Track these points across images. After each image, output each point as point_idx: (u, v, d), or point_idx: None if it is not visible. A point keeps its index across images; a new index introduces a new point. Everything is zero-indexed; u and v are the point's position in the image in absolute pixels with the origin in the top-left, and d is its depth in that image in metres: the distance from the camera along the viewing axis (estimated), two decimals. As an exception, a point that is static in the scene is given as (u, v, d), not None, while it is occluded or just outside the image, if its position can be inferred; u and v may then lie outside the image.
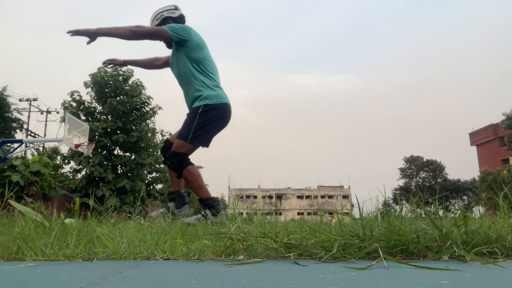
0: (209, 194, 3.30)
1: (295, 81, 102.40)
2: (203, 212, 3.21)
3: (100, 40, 3.37)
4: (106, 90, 17.24)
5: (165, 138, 17.87)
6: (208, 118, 3.28)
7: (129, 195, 16.06)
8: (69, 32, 3.10)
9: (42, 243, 1.51)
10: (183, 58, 3.41)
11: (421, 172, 57.00)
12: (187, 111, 3.50)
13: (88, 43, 3.20)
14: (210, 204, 3.22)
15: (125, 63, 3.82)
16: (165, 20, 3.54)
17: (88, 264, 1.27)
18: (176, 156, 3.28)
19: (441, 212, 1.64)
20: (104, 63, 3.76)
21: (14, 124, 22.59)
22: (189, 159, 3.33)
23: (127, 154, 17.20)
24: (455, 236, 1.33)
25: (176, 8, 3.62)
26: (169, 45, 3.54)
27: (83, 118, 16.91)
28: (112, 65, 3.79)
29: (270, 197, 56.85)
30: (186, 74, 3.41)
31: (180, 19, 3.62)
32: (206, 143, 3.38)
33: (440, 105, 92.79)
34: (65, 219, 2.44)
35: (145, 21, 3.73)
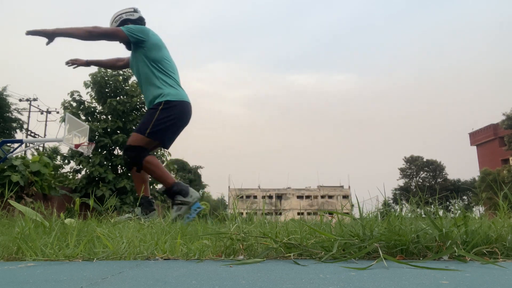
0: (173, 179, 3.31)
1: (295, 81, 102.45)
2: (176, 200, 3.24)
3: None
4: (106, 90, 17.24)
5: None
6: (169, 115, 3.29)
7: (129, 195, 16.07)
8: (27, 32, 3.14)
9: (42, 243, 1.51)
10: (142, 59, 3.45)
11: (421, 172, 57.02)
12: None
13: (47, 43, 3.23)
14: (178, 189, 3.24)
15: (88, 63, 3.83)
16: (124, 22, 3.60)
17: (88, 264, 1.27)
18: (133, 149, 3.29)
19: (441, 212, 1.64)
20: (67, 63, 3.77)
21: (14, 124, 22.58)
22: (146, 151, 3.32)
23: (127, 154, 17.17)
24: (455, 236, 1.33)
25: (135, 11, 3.67)
26: (128, 47, 3.58)
27: (83, 118, 16.91)
28: (75, 66, 3.79)
29: (270, 197, 56.87)
30: (145, 74, 3.44)
31: (140, 21, 3.67)
32: (164, 141, 3.38)
33: (440, 105, 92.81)
34: (65, 219, 2.44)
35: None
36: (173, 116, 3.31)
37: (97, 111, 17.55)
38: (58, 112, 28.13)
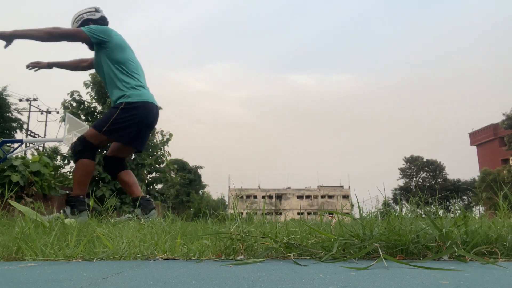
0: (81, 193, 3.25)
1: (295, 81, 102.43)
2: (62, 209, 3.20)
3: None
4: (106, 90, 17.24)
5: (166, 138, 17.93)
6: (129, 115, 3.28)
7: (129, 195, 16.06)
8: None
9: (42, 243, 1.51)
10: (104, 60, 3.42)
11: (421, 172, 57.03)
12: (186, 108, 3.52)
13: (5, 46, 3.19)
14: (72, 203, 3.21)
15: (49, 65, 3.77)
16: (86, 22, 3.56)
17: (88, 264, 1.27)
18: (83, 143, 3.27)
19: (441, 212, 1.64)
20: (27, 66, 3.70)
21: (14, 124, 22.58)
22: (92, 153, 3.30)
23: (127, 154, 17.19)
24: (455, 236, 1.33)
25: (97, 10, 3.64)
26: (91, 47, 3.55)
27: (83, 118, 16.91)
28: (36, 68, 3.72)
29: (270, 197, 56.86)
30: (108, 75, 3.42)
31: (102, 21, 3.64)
32: (123, 140, 3.36)
33: (440, 105, 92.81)
34: (65, 219, 2.44)
35: (146, 22, 3.73)
36: (133, 117, 3.28)
37: (97, 111, 17.54)
38: (58, 112, 28.16)
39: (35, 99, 26.99)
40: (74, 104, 17.08)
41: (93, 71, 4.24)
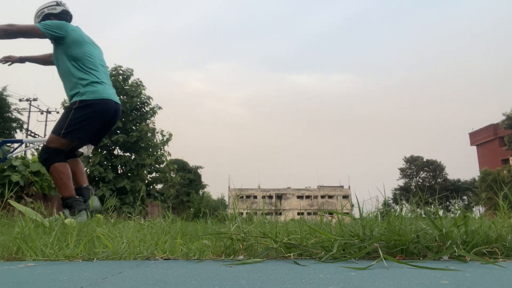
0: (72, 193, 3.23)
1: (295, 81, 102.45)
2: (61, 211, 3.16)
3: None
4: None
5: (166, 138, 17.93)
6: (84, 114, 3.23)
7: (129, 195, 16.06)
8: None
9: (42, 243, 1.51)
10: (61, 55, 3.39)
11: (421, 172, 57.02)
12: (186, 108, 3.50)
13: None
14: (70, 203, 3.17)
15: (21, 59, 3.74)
16: (47, 17, 3.53)
17: (88, 264, 1.27)
18: (46, 150, 3.23)
19: (441, 212, 1.64)
20: (0, 61, 3.69)
21: (14, 124, 22.59)
22: (61, 156, 3.27)
23: (127, 154, 17.22)
24: (455, 236, 1.33)
25: (58, 4, 3.60)
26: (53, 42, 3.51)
27: (83, 118, 16.88)
28: (9, 63, 3.70)
29: (270, 197, 56.85)
30: (64, 71, 3.39)
31: (64, 15, 3.60)
32: (82, 139, 3.33)
33: (440, 105, 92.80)
34: (65, 219, 2.44)
35: (146, 22, 3.72)
36: (88, 115, 3.24)
37: (97, 111, 17.53)
38: (58, 112, 28.11)
39: (35, 99, 27.01)
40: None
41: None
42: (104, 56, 3.69)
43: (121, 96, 17.27)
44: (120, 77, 17.35)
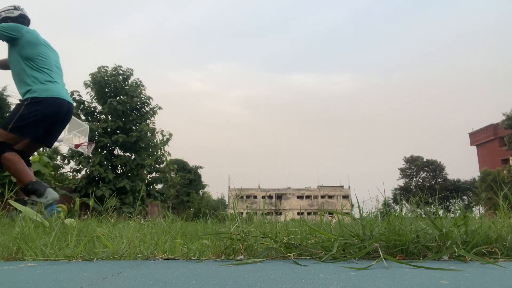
0: (31, 177, 3.25)
1: (295, 81, 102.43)
2: (29, 200, 3.18)
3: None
4: (106, 90, 17.25)
5: (166, 138, 17.92)
6: (33, 110, 3.27)
7: (129, 195, 16.07)
8: None
9: (42, 243, 1.51)
10: (15, 55, 3.46)
11: (421, 172, 57.01)
12: (186, 109, 3.51)
13: None
14: (33, 188, 3.20)
15: None
16: (4, 20, 3.62)
17: (88, 264, 1.27)
18: None
19: (441, 212, 1.64)
20: None
21: (14, 124, 22.55)
22: (9, 147, 3.29)
23: (127, 154, 17.22)
24: (455, 236, 1.33)
25: (16, 8, 3.70)
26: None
27: (83, 118, 16.92)
28: None
29: (270, 197, 56.84)
30: (17, 70, 3.46)
31: (22, 18, 3.69)
32: (30, 135, 3.35)
33: (440, 105, 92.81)
34: (65, 219, 2.44)
35: (146, 22, 3.73)
36: (37, 112, 3.28)
37: (97, 111, 17.55)
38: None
39: (35, 99, 26.98)
40: (74, 104, 17.06)
41: (93, 71, 4.24)
42: (60, 59, 3.77)
43: (121, 96, 17.29)
44: (120, 77, 17.36)
